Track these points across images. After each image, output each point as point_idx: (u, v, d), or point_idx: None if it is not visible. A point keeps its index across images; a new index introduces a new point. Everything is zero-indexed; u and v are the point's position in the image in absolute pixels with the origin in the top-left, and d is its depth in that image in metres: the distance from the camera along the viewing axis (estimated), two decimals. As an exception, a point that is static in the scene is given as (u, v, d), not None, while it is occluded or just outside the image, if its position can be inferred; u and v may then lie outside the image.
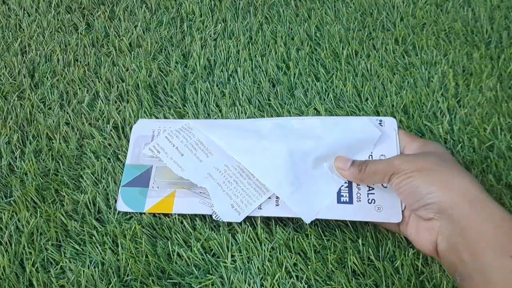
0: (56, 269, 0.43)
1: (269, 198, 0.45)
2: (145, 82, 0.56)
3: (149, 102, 0.54)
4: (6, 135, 0.52)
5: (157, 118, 0.53)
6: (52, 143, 0.51)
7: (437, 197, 0.37)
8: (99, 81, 0.57)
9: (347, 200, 0.44)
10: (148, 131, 0.51)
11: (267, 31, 0.62)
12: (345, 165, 0.44)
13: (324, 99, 0.56)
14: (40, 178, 0.48)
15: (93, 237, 0.45)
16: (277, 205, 0.45)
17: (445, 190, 0.37)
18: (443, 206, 0.36)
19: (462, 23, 0.63)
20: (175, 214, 0.45)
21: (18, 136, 0.51)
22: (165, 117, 0.53)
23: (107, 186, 0.48)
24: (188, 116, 0.54)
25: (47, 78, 0.57)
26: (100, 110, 0.54)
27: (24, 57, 0.60)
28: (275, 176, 0.45)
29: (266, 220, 0.46)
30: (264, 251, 0.43)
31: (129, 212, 0.46)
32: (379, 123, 0.49)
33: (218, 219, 0.44)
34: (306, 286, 0.42)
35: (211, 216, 0.45)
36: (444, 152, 0.41)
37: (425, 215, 0.38)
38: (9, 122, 0.53)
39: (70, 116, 0.53)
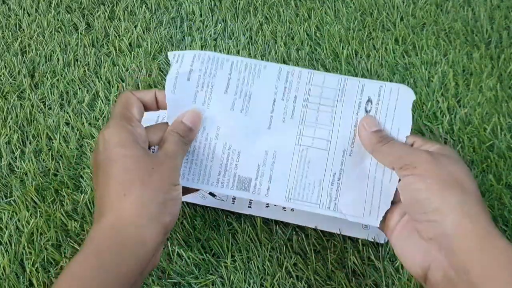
0: (56, 269, 0.43)
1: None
2: (145, 82, 0.56)
3: (149, 102, 0.54)
4: (6, 135, 0.52)
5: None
6: (52, 143, 0.51)
7: (446, 218, 0.31)
8: (99, 81, 0.57)
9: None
10: (153, 116, 0.51)
11: (267, 31, 0.62)
12: (370, 126, 0.37)
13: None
14: (40, 178, 0.48)
15: (93, 237, 0.45)
16: (267, 206, 0.45)
17: (457, 214, 0.31)
18: (450, 232, 0.31)
19: (462, 23, 0.63)
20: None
21: (18, 136, 0.51)
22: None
23: (107, 186, 0.48)
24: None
25: (47, 78, 0.57)
26: (100, 110, 0.54)
27: (24, 57, 0.60)
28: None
29: (266, 220, 0.46)
30: (264, 251, 0.43)
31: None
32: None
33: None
34: (306, 286, 0.42)
35: (207, 210, 0.45)
36: (460, 162, 0.35)
37: (426, 233, 0.33)
38: (9, 122, 0.53)
39: (70, 116, 0.53)
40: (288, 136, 0.39)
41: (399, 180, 0.36)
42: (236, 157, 0.38)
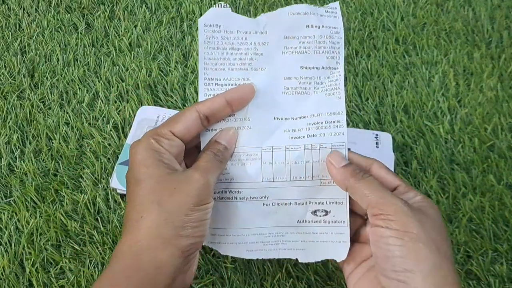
0: (56, 269, 0.43)
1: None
2: (145, 82, 0.56)
3: (149, 102, 0.54)
4: (6, 135, 0.52)
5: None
6: (52, 143, 0.51)
7: (417, 283, 0.30)
8: (99, 81, 0.56)
9: None
10: (153, 116, 0.52)
11: (267, 31, 0.62)
12: (338, 162, 0.35)
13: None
14: (40, 178, 0.48)
15: (93, 237, 0.44)
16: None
17: (429, 282, 0.30)
18: None
19: (463, 22, 0.63)
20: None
21: (17, 136, 0.51)
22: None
23: (106, 186, 0.48)
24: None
25: (47, 78, 0.57)
26: (100, 110, 0.54)
27: (24, 57, 0.59)
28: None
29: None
30: (264, 251, 0.43)
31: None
32: (375, 137, 0.50)
33: None
34: (306, 286, 0.42)
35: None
36: (440, 222, 0.33)
37: None
38: (8, 122, 0.53)
39: (70, 116, 0.53)
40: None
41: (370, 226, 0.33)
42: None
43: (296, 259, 0.36)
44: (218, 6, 0.37)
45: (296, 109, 0.37)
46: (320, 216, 0.36)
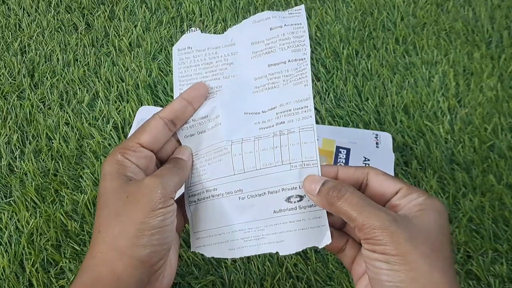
0: (56, 269, 0.43)
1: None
2: (145, 82, 0.56)
3: (149, 102, 0.54)
4: (6, 135, 0.52)
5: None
6: (52, 143, 0.51)
7: None
8: (99, 81, 0.56)
9: None
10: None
11: (267, 31, 0.62)
12: (314, 188, 0.33)
13: (325, 99, 0.55)
14: (40, 178, 0.48)
15: (93, 237, 0.44)
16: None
17: None
18: None
19: (463, 22, 0.63)
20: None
21: (17, 136, 0.51)
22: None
23: (107, 186, 0.48)
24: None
25: (47, 78, 0.57)
26: (100, 110, 0.54)
27: (24, 57, 0.59)
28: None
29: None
30: (264, 251, 0.43)
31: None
32: (375, 137, 0.50)
33: None
34: (306, 286, 0.42)
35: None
36: (443, 222, 0.31)
37: None
38: (8, 122, 0.53)
39: (70, 116, 0.53)
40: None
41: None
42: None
43: (277, 252, 0.35)
44: (190, 32, 0.40)
45: (266, 103, 0.37)
46: (294, 202, 0.35)
